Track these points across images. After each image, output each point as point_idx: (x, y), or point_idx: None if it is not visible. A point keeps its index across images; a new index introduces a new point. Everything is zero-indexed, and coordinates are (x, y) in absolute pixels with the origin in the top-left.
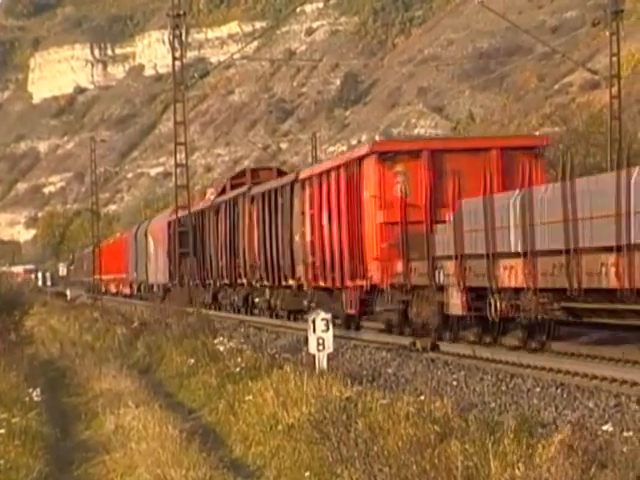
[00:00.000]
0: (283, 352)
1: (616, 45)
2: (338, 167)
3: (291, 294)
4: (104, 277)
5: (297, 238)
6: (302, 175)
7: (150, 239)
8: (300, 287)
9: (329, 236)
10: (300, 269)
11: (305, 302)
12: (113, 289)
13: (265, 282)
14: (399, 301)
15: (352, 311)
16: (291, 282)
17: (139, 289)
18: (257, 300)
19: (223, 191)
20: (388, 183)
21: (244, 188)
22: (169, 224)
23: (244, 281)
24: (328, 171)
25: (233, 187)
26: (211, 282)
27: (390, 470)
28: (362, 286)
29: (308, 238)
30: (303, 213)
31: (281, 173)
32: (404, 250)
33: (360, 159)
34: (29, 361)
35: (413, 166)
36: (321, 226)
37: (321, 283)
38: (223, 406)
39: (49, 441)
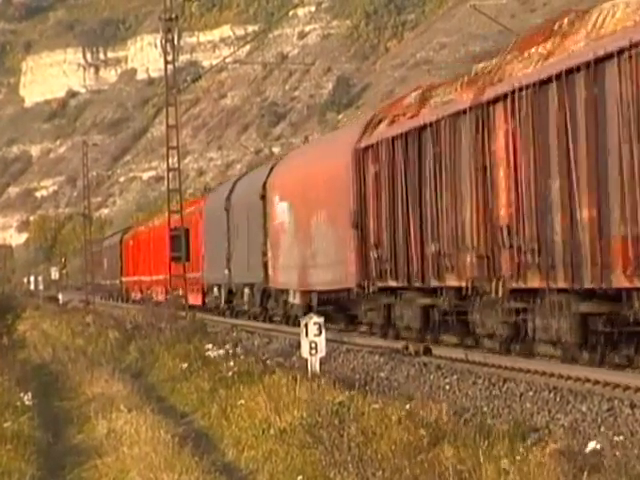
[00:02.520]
0: (276, 356)
1: None
2: None
3: None
4: (141, 278)
5: None
6: None
7: (278, 201)
8: None
9: None
10: None
11: None
12: (159, 296)
13: None
14: None
15: None
16: None
17: (227, 299)
18: None
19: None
20: None
21: None
22: (359, 154)
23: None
24: None
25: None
26: (500, 285)
27: (383, 474)
28: None
29: None
30: None
31: None
32: None
33: None
34: (21, 365)
35: None
36: None
37: None
38: (215, 410)
39: (41, 445)
